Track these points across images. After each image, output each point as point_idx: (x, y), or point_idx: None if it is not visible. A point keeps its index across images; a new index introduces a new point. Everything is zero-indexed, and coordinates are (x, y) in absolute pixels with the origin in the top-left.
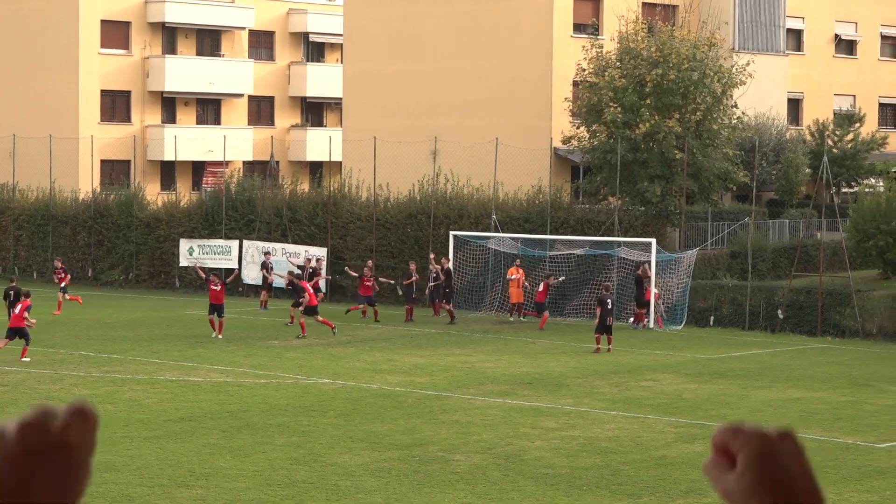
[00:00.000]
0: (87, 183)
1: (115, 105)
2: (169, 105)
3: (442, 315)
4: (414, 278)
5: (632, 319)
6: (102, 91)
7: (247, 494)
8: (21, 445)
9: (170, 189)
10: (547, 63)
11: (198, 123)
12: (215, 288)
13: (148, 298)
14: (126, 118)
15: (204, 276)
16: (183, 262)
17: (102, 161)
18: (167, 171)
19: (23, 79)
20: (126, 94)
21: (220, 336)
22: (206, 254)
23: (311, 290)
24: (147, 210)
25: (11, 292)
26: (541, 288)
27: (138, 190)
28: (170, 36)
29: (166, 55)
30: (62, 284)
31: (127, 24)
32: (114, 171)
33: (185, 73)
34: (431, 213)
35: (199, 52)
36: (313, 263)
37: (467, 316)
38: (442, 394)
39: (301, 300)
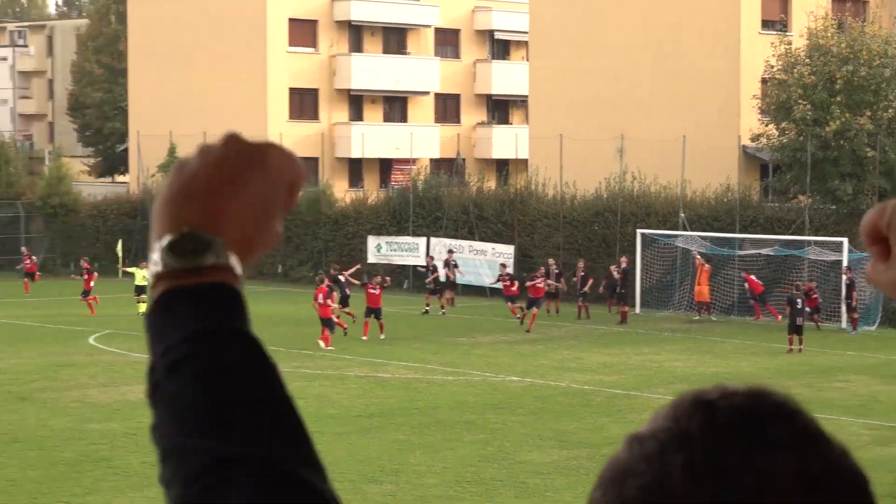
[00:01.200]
0: None
1: (303, 103)
2: (356, 103)
3: (613, 314)
4: (580, 275)
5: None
6: (290, 89)
7: (436, 490)
8: (222, 150)
9: (358, 186)
10: (734, 60)
11: (384, 121)
12: (373, 291)
13: None
14: (314, 116)
15: (360, 282)
16: (371, 259)
17: None
18: (355, 169)
19: (212, 77)
20: (314, 92)
21: (382, 336)
22: (394, 251)
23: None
24: (335, 207)
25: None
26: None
27: (327, 187)
28: (356, 34)
29: (353, 53)
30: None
31: (314, 22)
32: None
33: (372, 70)
34: (618, 211)
35: (385, 50)
36: (445, 256)
37: (655, 315)
38: (630, 393)
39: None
